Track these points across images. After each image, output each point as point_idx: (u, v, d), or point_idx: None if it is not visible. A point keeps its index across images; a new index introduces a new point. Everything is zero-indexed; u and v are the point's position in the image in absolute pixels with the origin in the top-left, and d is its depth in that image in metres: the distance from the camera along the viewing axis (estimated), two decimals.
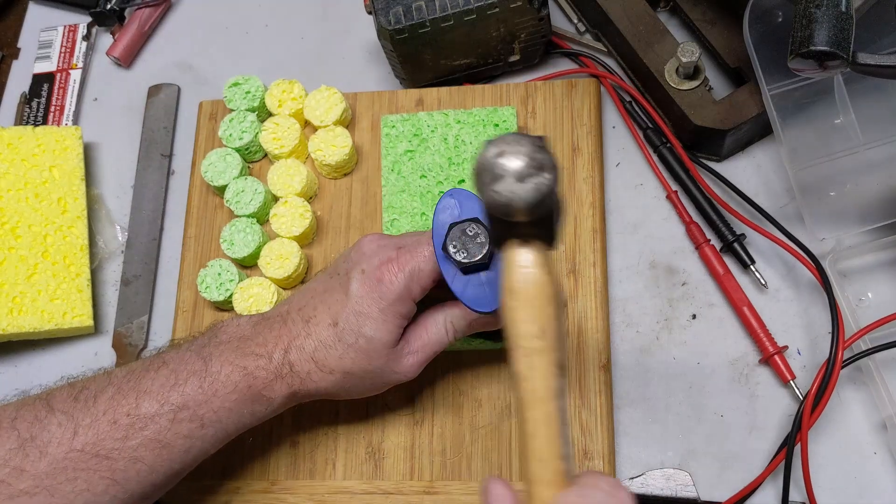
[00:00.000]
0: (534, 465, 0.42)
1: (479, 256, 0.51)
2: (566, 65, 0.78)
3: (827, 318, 0.63)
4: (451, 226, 0.53)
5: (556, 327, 0.42)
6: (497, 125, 0.71)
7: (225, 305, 0.71)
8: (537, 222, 0.41)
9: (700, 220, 0.70)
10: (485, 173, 0.39)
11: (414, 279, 0.55)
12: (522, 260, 0.42)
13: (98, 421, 0.53)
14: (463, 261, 0.51)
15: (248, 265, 0.73)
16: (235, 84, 0.76)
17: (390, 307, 0.55)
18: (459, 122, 0.71)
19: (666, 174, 0.72)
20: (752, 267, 0.68)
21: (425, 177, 0.70)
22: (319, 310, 0.57)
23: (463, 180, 0.70)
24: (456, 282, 0.53)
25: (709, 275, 0.69)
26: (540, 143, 0.40)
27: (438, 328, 0.57)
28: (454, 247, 0.52)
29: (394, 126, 0.72)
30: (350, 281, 0.56)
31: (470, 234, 0.52)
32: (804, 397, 0.62)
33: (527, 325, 0.42)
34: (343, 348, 0.55)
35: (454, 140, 0.71)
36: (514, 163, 0.39)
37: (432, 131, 0.71)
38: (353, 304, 0.55)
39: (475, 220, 0.52)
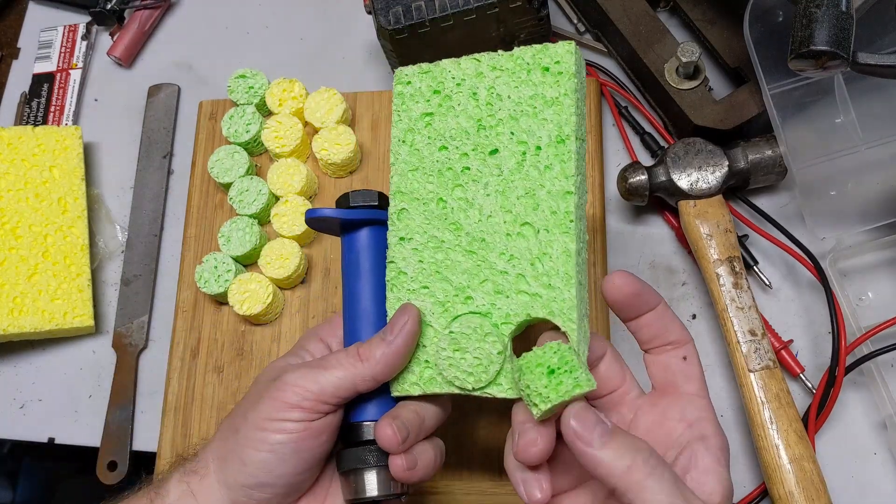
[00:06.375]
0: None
1: None
2: None
3: (827, 318, 0.63)
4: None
5: None
6: (547, 69, 0.50)
7: (224, 298, 0.71)
8: None
9: None
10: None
11: None
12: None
13: None
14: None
15: (245, 263, 0.73)
16: (241, 76, 0.76)
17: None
18: (495, 68, 0.52)
19: None
20: (755, 268, 0.68)
21: (446, 148, 0.51)
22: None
23: (496, 150, 0.50)
24: None
25: None
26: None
27: None
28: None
29: (409, 82, 0.53)
30: None
31: None
32: (808, 407, 0.61)
33: None
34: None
35: (486, 94, 0.51)
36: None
37: (458, 85, 0.52)
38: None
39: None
